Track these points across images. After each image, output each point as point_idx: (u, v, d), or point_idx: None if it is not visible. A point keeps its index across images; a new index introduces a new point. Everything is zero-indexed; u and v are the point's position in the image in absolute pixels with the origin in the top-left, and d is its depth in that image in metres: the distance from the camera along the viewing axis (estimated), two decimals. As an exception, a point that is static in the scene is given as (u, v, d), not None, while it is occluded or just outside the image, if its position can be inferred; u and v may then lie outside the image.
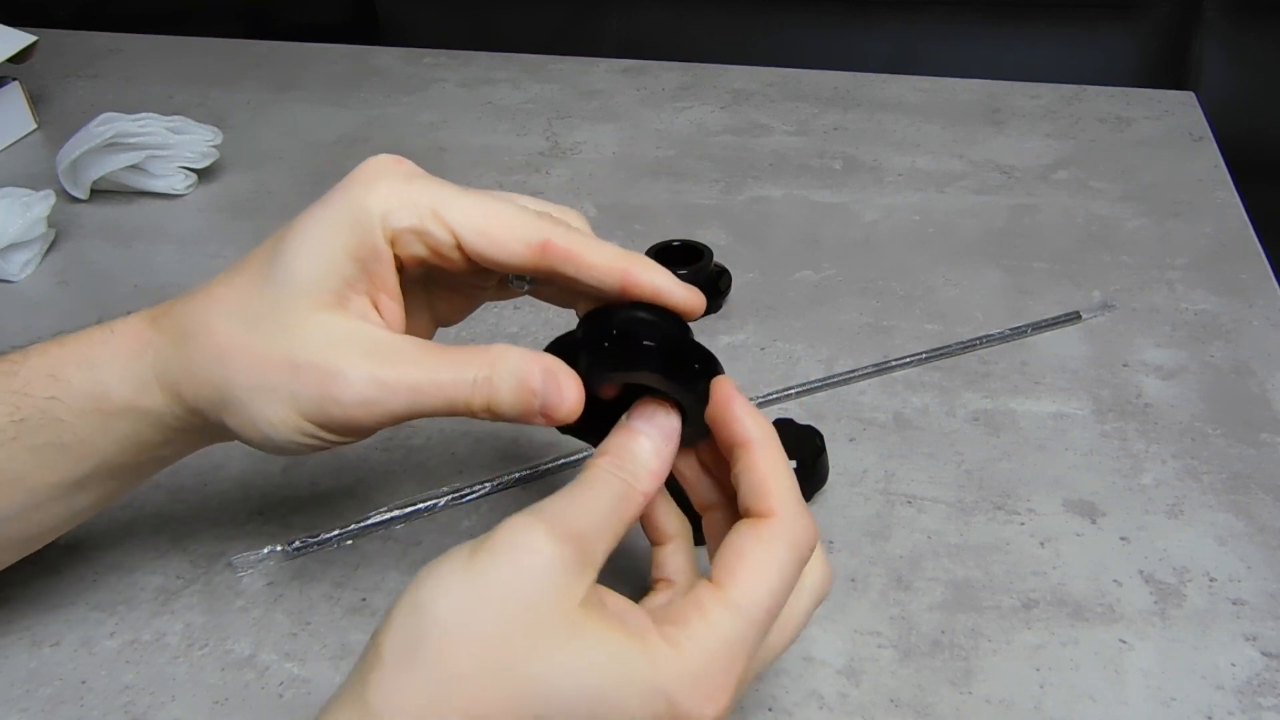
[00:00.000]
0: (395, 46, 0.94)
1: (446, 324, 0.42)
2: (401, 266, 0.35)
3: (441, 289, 0.40)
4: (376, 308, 0.36)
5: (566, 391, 0.33)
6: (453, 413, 0.34)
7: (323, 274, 0.34)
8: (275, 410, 0.34)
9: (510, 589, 0.30)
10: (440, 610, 0.29)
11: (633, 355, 0.34)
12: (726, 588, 0.32)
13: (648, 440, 0.34)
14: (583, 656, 0.29)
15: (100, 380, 0.37)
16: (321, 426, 0.34)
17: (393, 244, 0.35)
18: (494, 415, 0.34)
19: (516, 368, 0.33)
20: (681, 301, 0.35)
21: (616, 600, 0.32)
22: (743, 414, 0.34)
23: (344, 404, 0.33)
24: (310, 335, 0.34)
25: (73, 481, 0.38)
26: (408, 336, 0.35)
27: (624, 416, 0.35)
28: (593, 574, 0.31)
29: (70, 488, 0.38)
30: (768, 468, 0.34)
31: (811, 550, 0.33)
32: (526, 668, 0.29)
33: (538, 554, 0.30)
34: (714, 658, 0.31)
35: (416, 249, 0.35)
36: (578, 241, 0.34)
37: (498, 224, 0.34)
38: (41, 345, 0.38)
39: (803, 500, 0.34)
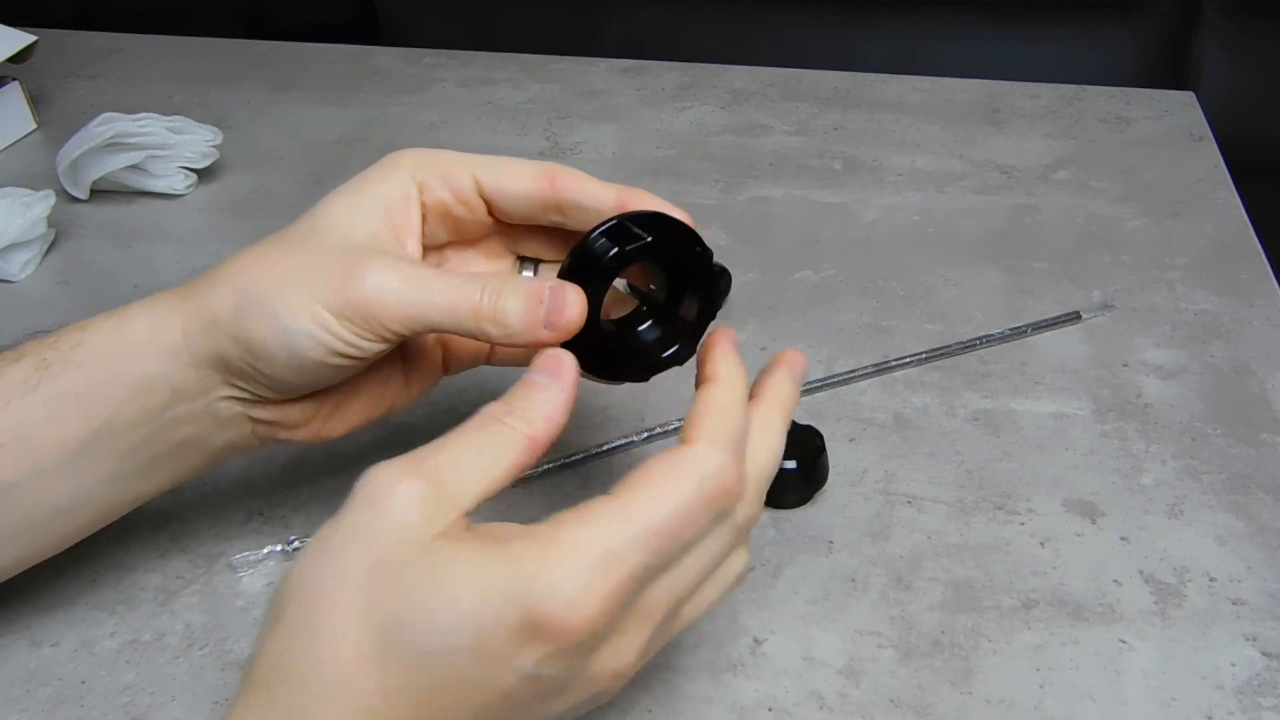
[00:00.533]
0: (395, 46, 0.94)
1: (449, 370, 0.44)
2: (425, 219, 0.39)
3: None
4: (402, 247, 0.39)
5: (571, 302, 0.35)
6: (460, 324, 0.36)
7: (354, 212, 0.38)
8: (294, 298, 0.36)
9: (364, 530, 0.30)
10: (299, 570, 0.31)
11: (631, 236, 0.36)
12: (618, 497, 0.30)
13: (543, 391, 0.33)
14: (441, 579, 0.29)
15: (124, 319, 0.39)
16: (340, 317, 0.36)
17: (420, 191, 0.39)
18: (501, 325, 0.36)
19: (525, 283, 0.36)
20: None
21: (492, 527, 0.31)
22: (720, 354, 0.35)
23: (363, 292, 0.35)
24: (335, 240, 0.37)
25: (78, 445, 0.38)
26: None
27: (527, 371, 0.35)
28: (455, 513, 0.30)
29: (75, 453, 0.38)
30: (712, 403, 0.33)
31: (726, 493, 0.31)
32: (390, 603, 0.29)
33: (388, 493, 0.30)
34: (580, 559, 0.29)
35: (441, 194, 0.39)
36: (579, 174, 0.38)
37: (511, 165, 0.39)
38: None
39: (737, 447, 0.32)
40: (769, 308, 0.60)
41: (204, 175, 0.73)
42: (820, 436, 0.48)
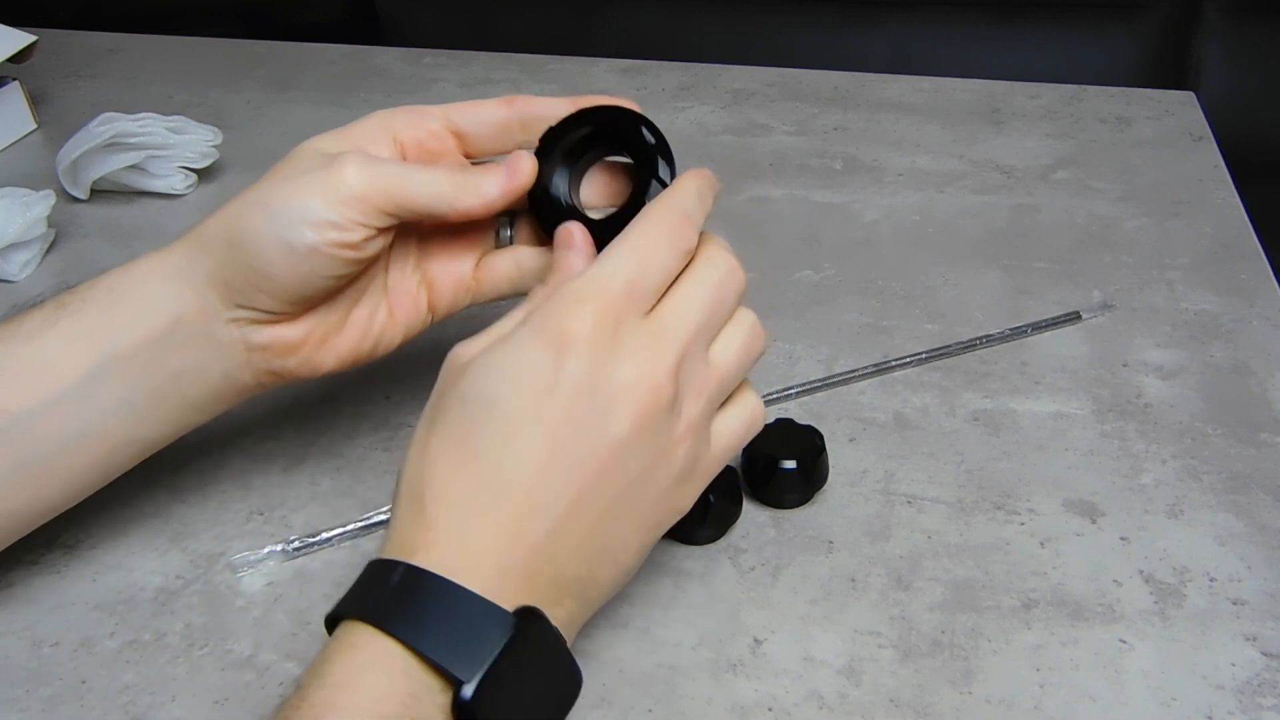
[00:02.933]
0: (395, 46, 0.94)
1: (435, 312, 0.46)
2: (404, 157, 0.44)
3: (434, 259, 0.46)
4: None
5: (524, 158, 0.43)
6: (438, 196, 0.41)
7: (332, 142, 0.43)
8: (282, 191, 0.40)
9: (446, 375, 0.38)
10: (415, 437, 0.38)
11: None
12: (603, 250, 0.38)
13: (565, 260, 0.40)
14: (489, 358, 0.36)
15: (135, 260, 0.43)
16: (325, 199, 0.40)
17: (395, 133, 0.43)
18: (476, 188, 0.42)
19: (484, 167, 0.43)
20: (627, 104, 0.44)
21: None
22: (687, 172, 0.41)
23: (343, 174, 0.40)
24: (315, 154, 0.42)
25: (87, 370, 0.40)
26: None
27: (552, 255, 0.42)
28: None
29: (84, 379, 0.40)
30: (663, 195, 0.40)
31: (683, 215, 0.38)
32: (458, 397, 0.36)
33: (461, 351, 0.38)
34: (571, 288, 0.36)
35: (413, 132, 0.44)
36: (534, 96, 0.45)
37: (473, 102, 0.45)
38: None
39: (686, 210, 0.39)
40: (769, 308, 0.60)
41: (204, 175, 0.74)
42: (820, 436, 0.48)
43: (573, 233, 0.41)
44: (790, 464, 0.46)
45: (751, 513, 0.47)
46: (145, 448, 0.43)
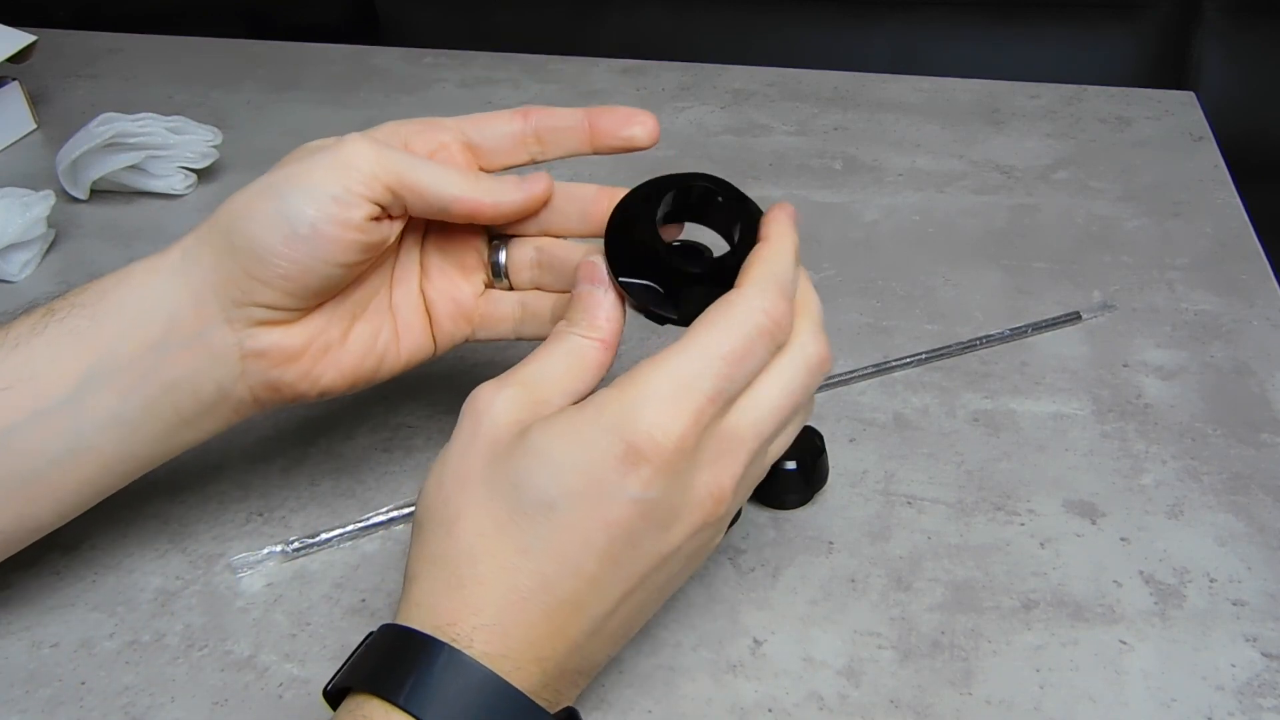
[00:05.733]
0: (395, 46, 0.94)
1: (436, 342, 0.45)
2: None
3: (434, 282, 0.45)
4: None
5: (540, 177, 0.42)
6: (446, 182, 0.40)
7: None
8: (286, 175, 0.39)
9: (473, 435, 0.35)
10: (427, 487, 0.36)
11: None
12: (684, 339, 0.35)
13: (590, 296, 0.38)
14: (548, 440, 0.33)
15: (130, 264, 0.41)
16: (346, 192, 0.38)
17: (405, 144, 0.42)
18: (482, 186, 0.41)
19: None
20: (645, 134, 0.42)
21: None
22: (773, 218, 0.39)
23: (346, 152, 0.39)
24: (317, 148, 0.40)
25: (77, 380, 0.38)
26: None
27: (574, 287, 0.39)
28: (544, 409, 0.35)
29: (74, 390, 0.38)
30: (760, 257, 0.37)
31: (777, 324, 0.35)
32: (508, 475, 0.34)
33: (489, 402, 0.35)
34: (660, 390, 0.33)
35: (426, 141, 0.42)
36: (546, 106, 0.43)
37: (486, 115, 0.43)
38: None
39: (784, 288, 0.36)
40: (769, 308, 0.60)
41: (204, 175, 0.74)
42: (820, 437, 0.48)
43: (596, 265, 0.38)
44: (790, 465, 0.46)
45: (751, 513, 0.47)
46: (137, 466, 0.41)
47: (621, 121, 0.42)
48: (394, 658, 0.32)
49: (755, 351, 0.34)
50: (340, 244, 0.39)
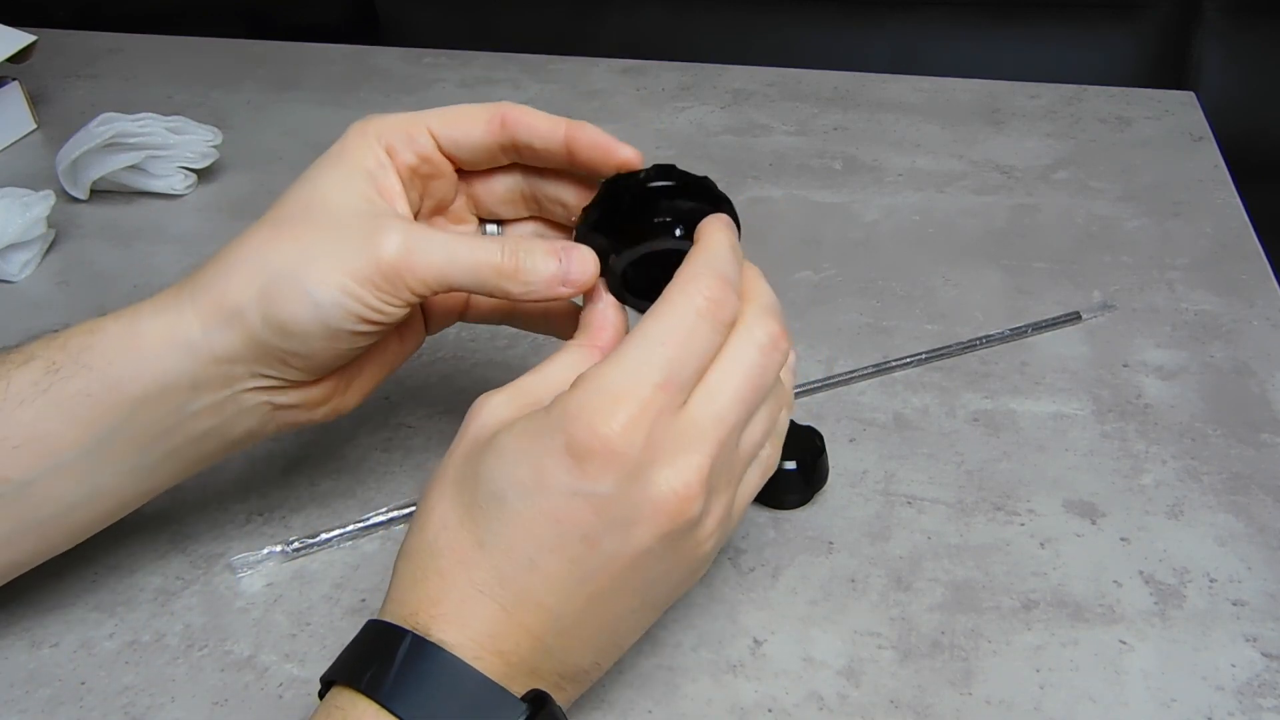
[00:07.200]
0: (395, 46, 0.94)
1: (429, 328, 0.45)
2: (402, 182, 0.41)
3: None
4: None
5: (586, 259, 0.39)
6: (483, 283, 0.38)
7: (345, 184, 0.39)
8: (321, 272, 0.37)
9: (461, 436, 0.36)
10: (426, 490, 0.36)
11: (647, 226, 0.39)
12: (628, 337, 0.34)
13: (591, 309, 0.39)
14: (502, 439, 0.34)
15: (135, 319, 0.38)
16: (368, 284, 0.37)
17: (390, 155, 0.40)
18: (524, 284, 0.38)
19: (541, 243, 0.39)
20: (627, 156, 0.40)
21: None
22: (705, 224, 0.38)
23: (389, 257, 0.37)
24: (341, 212, 0.38)
25: (94, 441, 0.38)
26: None
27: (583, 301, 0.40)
28: (537, 408, 0.35)
29: (91, 449, 0.38)
30: (694, 254, 0.36)
31: (716, 302, 0.34)
32: (469, 472, 0.34)
33: (482, 405, 0.36)
34: (603, 383, 0.33)
35: (407, 156, 0.40)
36: (527, 109, 0.41)
37: (461, 112, 0.41)
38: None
39: (724, 271, 0.35)
40: (769, 308, 0.60)
41: (204, 175, 0.73)
42: (820, 437, 0.48)
43: (597, 287, 0.39)
44: (790, 465, 0.46)
45: (751, 513, 0.47)
46: (154, 495, 0.42)
47: (602, 155, 0.40)
48: (365, 649, 0.33)
49: (698, 332, 0.34)
50: (374, 335, 0.39)
